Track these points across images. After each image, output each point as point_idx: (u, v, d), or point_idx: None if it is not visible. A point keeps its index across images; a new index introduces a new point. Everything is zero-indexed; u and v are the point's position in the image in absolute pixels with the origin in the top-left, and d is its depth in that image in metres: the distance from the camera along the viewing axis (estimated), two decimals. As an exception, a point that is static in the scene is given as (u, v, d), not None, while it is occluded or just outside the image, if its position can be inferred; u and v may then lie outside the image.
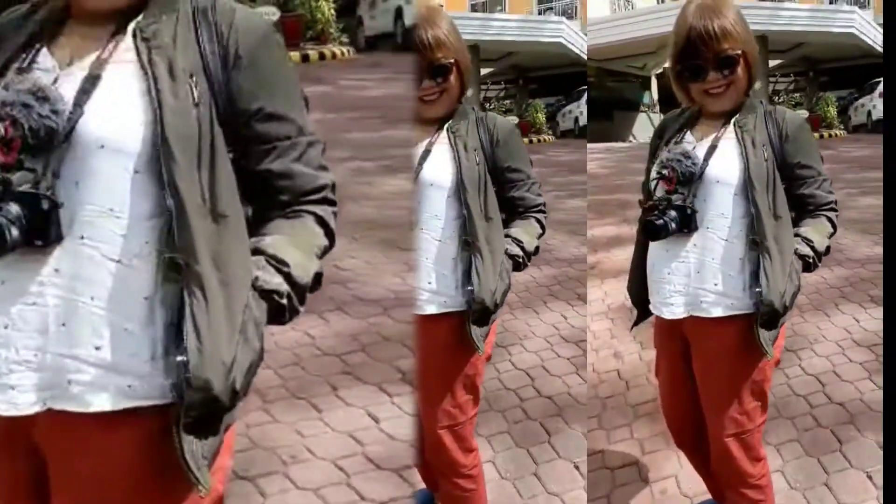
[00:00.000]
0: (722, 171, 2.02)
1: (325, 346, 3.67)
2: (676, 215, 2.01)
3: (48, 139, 1.10)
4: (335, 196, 1.31)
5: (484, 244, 2.08)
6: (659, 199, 2.03)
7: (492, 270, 2.09)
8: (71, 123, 1.10)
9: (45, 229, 1.09)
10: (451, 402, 2.21)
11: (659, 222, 1.99)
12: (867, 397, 3.52)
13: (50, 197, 1.09)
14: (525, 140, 11.10)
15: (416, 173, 2.13)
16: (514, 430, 3.25)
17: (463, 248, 2.10)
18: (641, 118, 14.42)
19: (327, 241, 1.29)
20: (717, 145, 2.04)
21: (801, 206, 2.11)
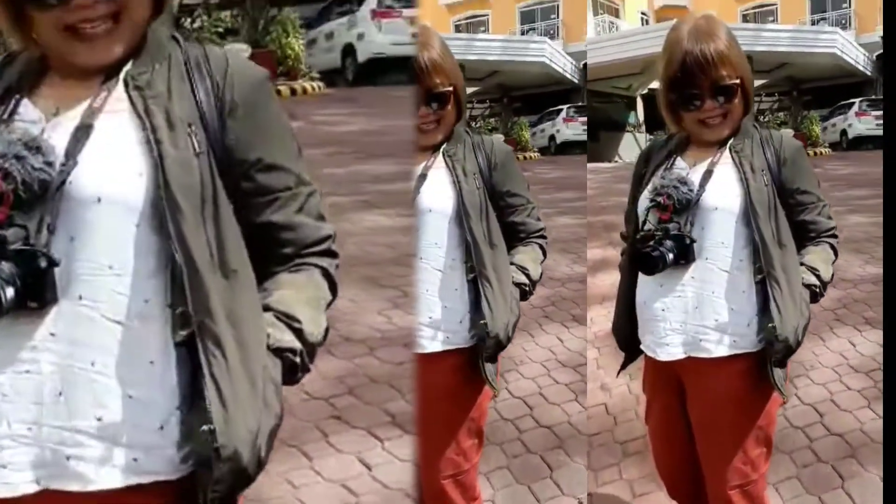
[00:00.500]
0: (720, 198, 1.90)
1: (313, 390, 3.54)
2: (674, 245, 1.87)
3: (41, 192, 1.05)
4: (336, 247, 1.28)
5: (492, 273, 1.98)
6: (655, 228, 1.90)
7: (502, 301, 1.98)
8: (63, 175, 1.06)
9: (40, 289, 1.04)
10: (455, 450, 2.07)
11: (655, 254, 1.85)
12: (868, 427, 3.39)
13: (46, 254, 1.03)
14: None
15: (412, 199, 2.04)
16: (514, 464, 3.13)
17: (468, 278, 1.99)
18: (627, 138, 14.47)
19: (332, 296, 1.26)
20: (713, 170, 1.92)
21: (801, 234, 2.00)
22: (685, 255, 1.88)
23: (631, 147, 14.04)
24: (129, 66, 1.14)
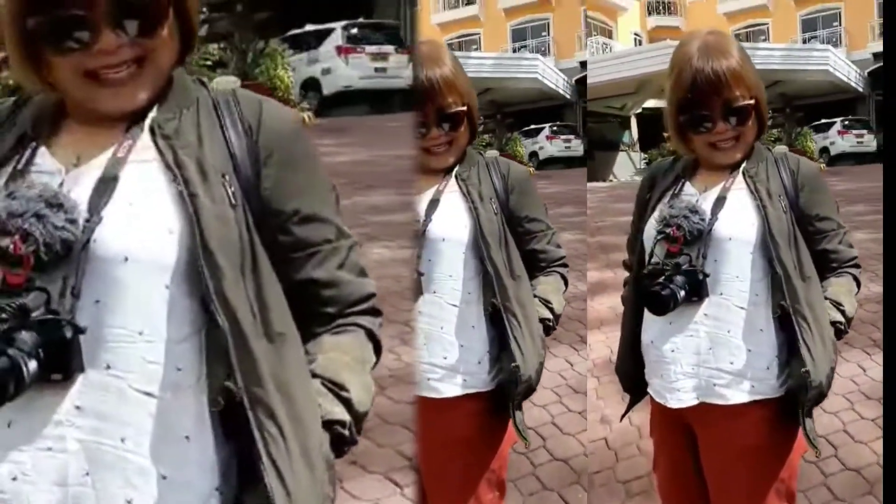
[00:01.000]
0: (734, 227, 1.75)
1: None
2: (685, 282, 1.71)
3: (64, 253, 0.97)
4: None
5: (517, 307, 1.82)
6: (663, 262, 1.74)
7: (530, 340, 1.83)
8: (88, 234, 0.98)
9: (65, 360, 0.95)
10: None
11: (666, 292, 1.69)
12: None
13: (72, 322, 0.95)
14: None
15: (423, 227, 1.86)
16: (530, 503, 2.97)
17: (487, 313, 1.83)
18: (621, 157, 14.44)
19: (376, 358, 1.17)
20: (726, 196, 1.77)
21: (822, 264, 1.84)
22: (698, 291, 1.72)
23: (625, 166, 14.05)
24: (155, 112, 1.07)
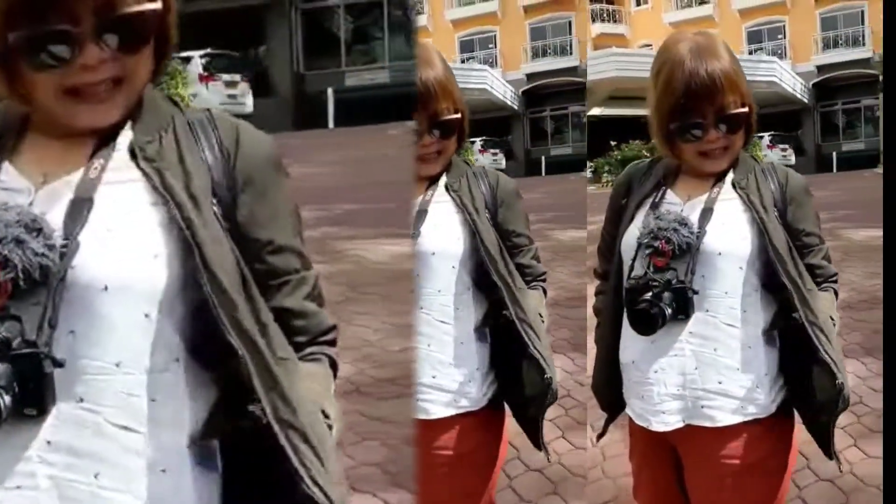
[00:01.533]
0: (724, 241, 1.70)
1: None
2: (673, 299, 1.64)
3: (42, 281, 0.94)
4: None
5: (532, 319, 1.82)
6: (651, 277, 1.67)
7: (549, 349, 1.84)
8: (66, 260, 0.94)
9: (40, 395, 0.92)
10: None
11: (654, 311, 1.64)
12: (859, 469, 3.21)
13: (51, 356, 0.92)
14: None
15: (413, 237, 1.85)
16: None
17: (491, 328, 1.84)
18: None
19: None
20: (713, 208, 1.71)
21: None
22: (685, 309, 1.67)
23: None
24: (133, 134, 1.04)
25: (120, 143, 1.04)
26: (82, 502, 0.95)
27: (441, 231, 1.82)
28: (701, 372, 1.69)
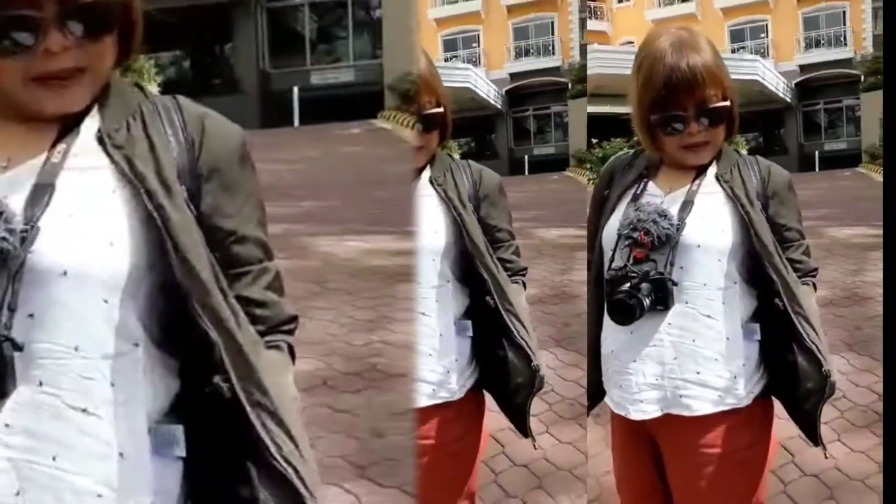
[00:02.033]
0: (703, 234, 1.70)
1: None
2: (651, 290, 1.66)
3: (2, 265, 0.94)
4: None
5: (518, 309, 1.84)
6: (630, 268, 1.68)
7: (535, 340, 1.87)
8: (26, 245, 0.94)
9: (1, 378, 0.92)
10: None
11: (632, 301, 1.64)
12: (843, 464, 3.18)
13: (11, 339, 0.92)
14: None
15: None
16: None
17: (475, 320, 1.85)
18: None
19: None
20: (693, 201, 1.72)
21: None
22: (664, 300, 1.67)
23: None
24: (101, 120, 1.04)
25: (85, 129, 1.04)
26: (41, 484, 0.95)
27: (423, 224, 1.84)
28: (680, 362, 1.70)
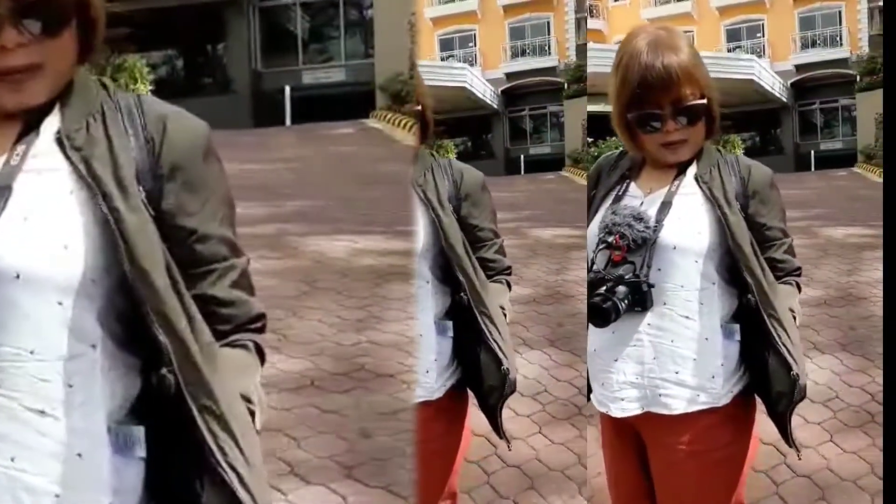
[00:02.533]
0: (679, 236, 1.71)
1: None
2: (627, 292, 1.68)
3: None
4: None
5: (492, 312, 1.85)
6: (605, 272, 1.70)
7: (510, 342, 1.88)
8: None
9: None
10: None
11: (607, 305, 1.66)
12: (835, 465, 3.17)
13: None
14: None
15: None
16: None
17: (452, 321, 1.86)
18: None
19: (261, 367, 1.19)
20: (672, 202, 1.72)
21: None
22: (642, 301, 1.70)
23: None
24: (61, 121, 1.03)
25: (45, 129, 1.03)
26: None
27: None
28: (659, 362, 1.72)
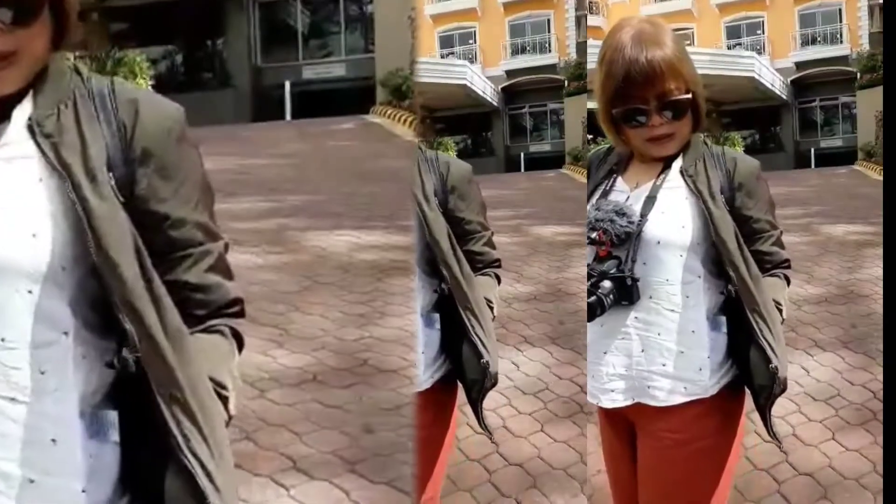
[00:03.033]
0: (663, 230, 1.72)
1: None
2: (612, 287, 1.71)
3: None
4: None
5: (475, 306, 1.86)
6: (590, 266, 1.72)
7: (493, 336, 1.89)
8: None
9: None
10: None
11: (591, 300, 1.69)
12: (837, 464, 3.16)
13: None
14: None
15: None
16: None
17: (439, 315, 1.87)
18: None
19: (239, 353, 1.19)
20: (656, 196, 1.73)
21: (756, 265, 1.81)
22: (628, 296, 1.72)
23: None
24: (32, 107, 1.03)
25: (17, 116, 1.03)
26: None
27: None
28: (647, 355, 1.75)
